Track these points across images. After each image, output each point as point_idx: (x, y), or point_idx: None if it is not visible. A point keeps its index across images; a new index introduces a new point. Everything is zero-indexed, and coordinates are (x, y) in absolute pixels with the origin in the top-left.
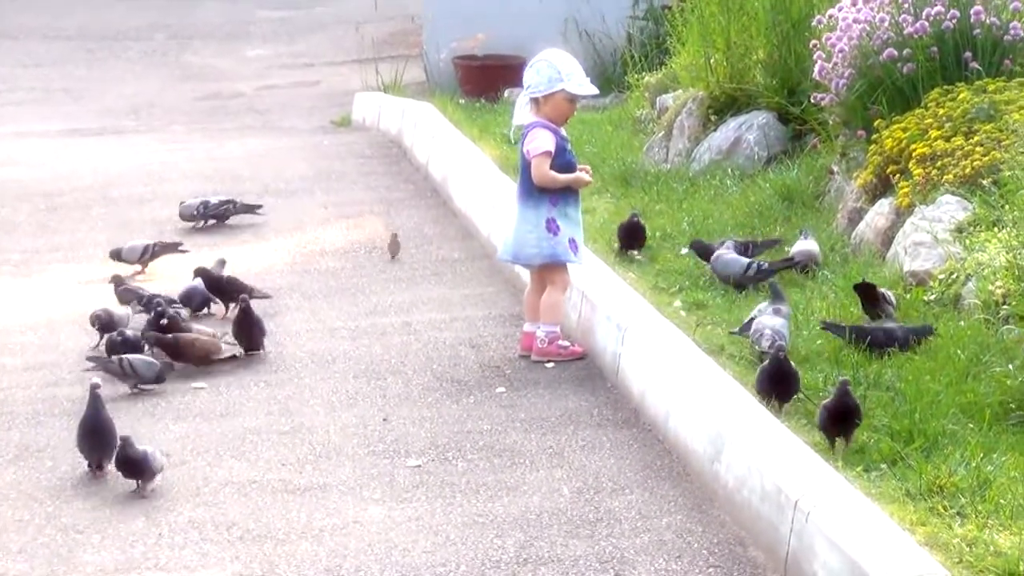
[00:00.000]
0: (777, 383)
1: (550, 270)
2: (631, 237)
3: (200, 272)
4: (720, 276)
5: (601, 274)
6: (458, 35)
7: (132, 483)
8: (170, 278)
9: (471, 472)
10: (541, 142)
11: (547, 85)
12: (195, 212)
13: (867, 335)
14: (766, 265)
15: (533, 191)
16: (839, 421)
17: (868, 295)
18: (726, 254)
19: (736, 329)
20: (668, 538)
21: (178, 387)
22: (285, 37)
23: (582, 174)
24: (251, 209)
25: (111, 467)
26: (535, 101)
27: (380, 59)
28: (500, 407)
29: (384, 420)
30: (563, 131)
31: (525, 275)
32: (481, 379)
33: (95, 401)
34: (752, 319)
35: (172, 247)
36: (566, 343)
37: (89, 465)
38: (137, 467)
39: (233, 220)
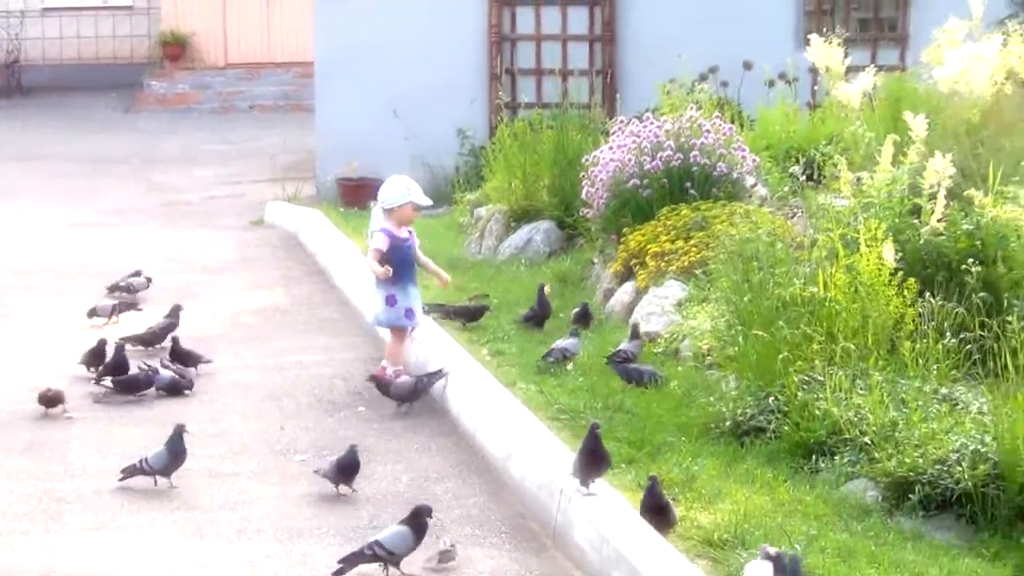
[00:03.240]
0: (592, 459)
1: (394, 328)
2: (473, 318)
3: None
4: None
5: (432, 330)
6: (340, 164)
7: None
8: (129, 326)
9: None
10: (376, 242)
11: (400, 198)
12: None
13: (630, 372)
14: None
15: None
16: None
17: (616, 360)
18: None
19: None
20: (474, 513)
21: (138, 404)
22: (222, 162)
23: (381, 269)
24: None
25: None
26: (388, 211)
27: (286, 179)
28: (361, 420)
29: (281, 428)
30: (404, 233)
31: (384, 331)
32: (348, 401)
33: (181, 434)
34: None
35: (132, 306)
36: (406, 376)
37: (136, 473)
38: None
39: (180, 291)
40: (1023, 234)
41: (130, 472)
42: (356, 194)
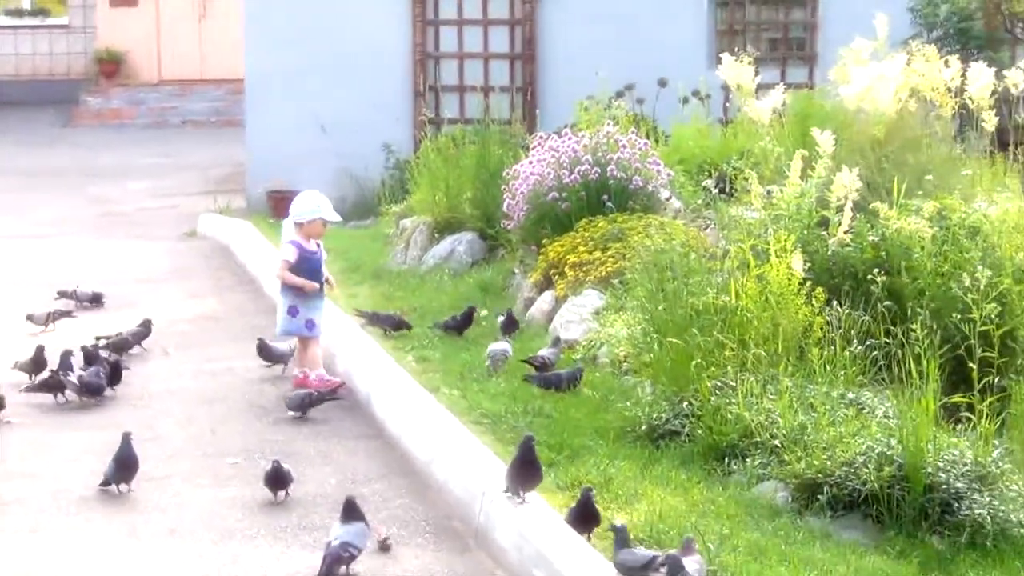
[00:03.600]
0: (525, 470)
1: (303, 337)
2: (397, 327)
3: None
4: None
5: (359, 338)
6: (269, 177)
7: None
8: (64, 334)
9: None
10: (285, 253)
11: (310, 214)
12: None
13: (549, 379)
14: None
15: (282, 286)
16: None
17: (533, 364)
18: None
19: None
20: (400, 513)
21: (76, 409)
22: (156, 175)
23: (308, 283)
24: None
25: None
26: (298, 224)
27: (218, 192)
28: (290, 425)
29: (212, 432)
30: (313, 246)
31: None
32: (278, 406)
33: (128, 442)
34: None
35: (67, 314)
36: (329, 378)
37: (108, 483)
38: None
39: (117, 300)
40: (926, 245)
41: (105, 482)
42: (285, 206)
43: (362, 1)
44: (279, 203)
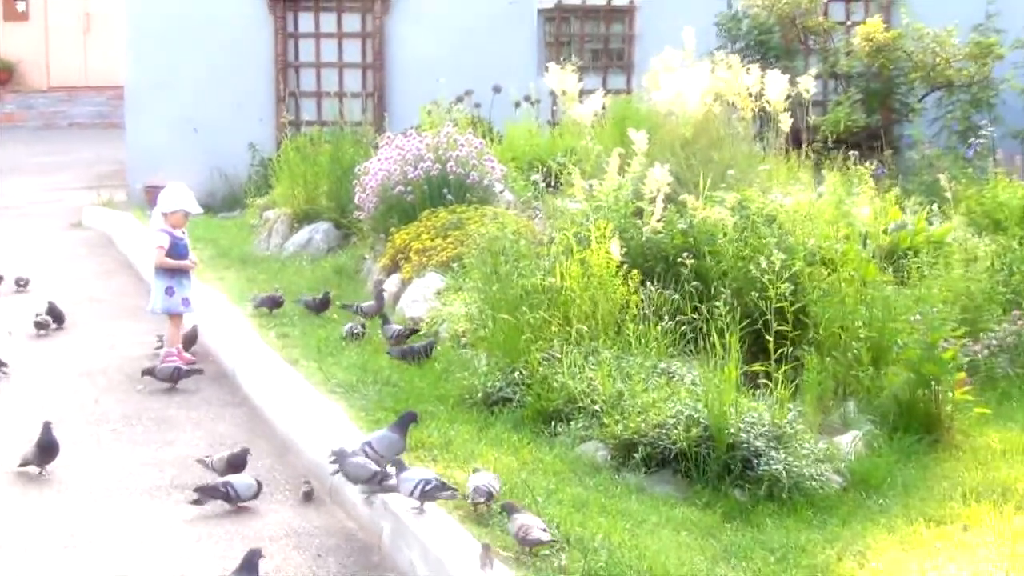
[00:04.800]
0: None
1: (171, 316)
2: (274, 305)
3: None
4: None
5: (226, 314)
6: (149, 173)
7: None
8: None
9: (146, 433)
10: (160, 241)
11: (173, 206)
12: None
13: (406, 351)
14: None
15: (157, 269)
16: None
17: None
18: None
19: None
20: (262, 473)
21: None
22: (45, 172)
23: (187, 262)
24: None
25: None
26: (164, 214)
27: (101, 187)
28: (165, 394)
29: (95, 402)
30: (179, 232)
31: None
32: (153, 378)
33: (48, 429)
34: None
35: None
36: (187, 355)
37: (24, 464)
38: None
39: (9, 284)
40: (728, 232)
41: (23, 461)
42: None
43: (230, 17)
44: (156, 197)
